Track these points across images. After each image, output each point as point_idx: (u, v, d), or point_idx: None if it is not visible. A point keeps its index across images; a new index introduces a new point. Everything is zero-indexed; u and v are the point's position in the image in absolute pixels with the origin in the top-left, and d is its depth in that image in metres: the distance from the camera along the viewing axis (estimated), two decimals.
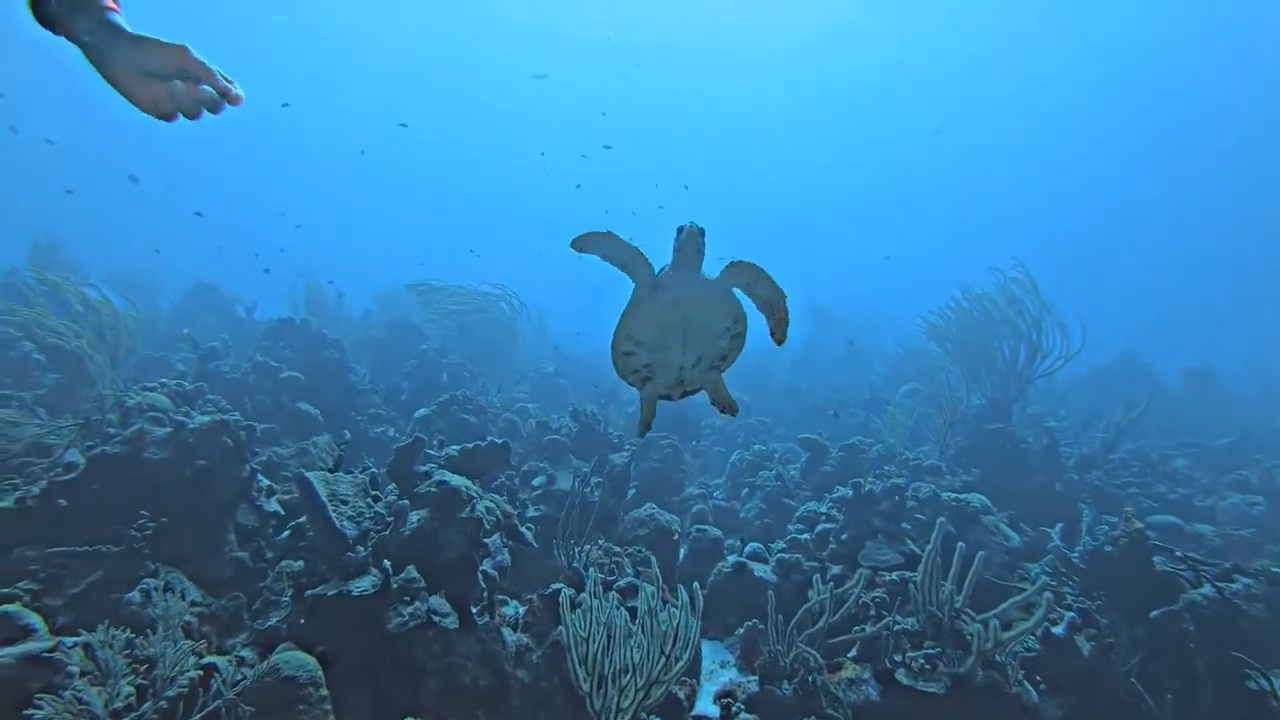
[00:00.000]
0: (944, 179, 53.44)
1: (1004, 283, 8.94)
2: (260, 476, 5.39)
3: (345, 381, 8.48)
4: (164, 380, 6.06)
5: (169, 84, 1.66)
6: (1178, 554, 5.66)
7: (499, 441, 5.43)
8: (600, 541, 5.73)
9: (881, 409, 11.45)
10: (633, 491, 7.31)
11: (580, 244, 3.06)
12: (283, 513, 5.36)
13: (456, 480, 4.34)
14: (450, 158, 59.72)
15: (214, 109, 1.73)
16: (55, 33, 1.65)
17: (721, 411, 3.66)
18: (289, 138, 52.51)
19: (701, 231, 3.09)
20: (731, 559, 6.03)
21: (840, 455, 7.79)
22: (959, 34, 39.16)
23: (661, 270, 3.21)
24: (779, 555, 5.96)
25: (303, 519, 4.74)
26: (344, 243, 46.54)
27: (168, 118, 1.71)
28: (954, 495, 6.66)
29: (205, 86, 1.67)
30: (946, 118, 45.68)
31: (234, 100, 1.73)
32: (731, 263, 3.19)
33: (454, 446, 5.33)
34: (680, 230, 3.12)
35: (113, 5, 1.69)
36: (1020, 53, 40.54)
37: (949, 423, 8.42)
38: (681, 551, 6.45)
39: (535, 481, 6.51)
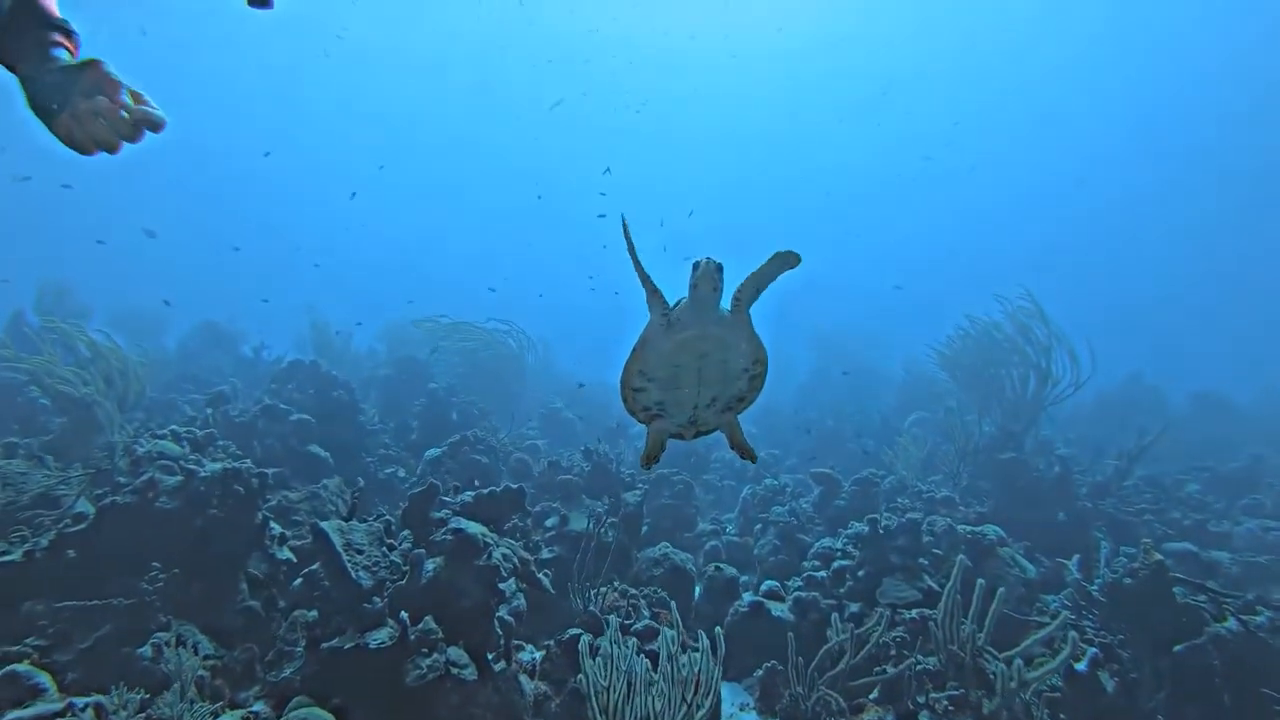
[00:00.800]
0: (938, 196, 53.44)
1: (1012, 311, 8.93)
2: (273, 524, 5.35)
3: (355, 422, 8.47)
4: (174, 427, 6.05)
5: (84, 107, 1.62)
6: (1199, 586, 5.59)
7: (514, 487, 5.40)
8: (616, 583, 5.67)
9: (892, 438, 11.42)
10: (645, 529, 7.25)
11: (626, 234, 2.89)
12: (295, 560, 5.31)
13: (472, 527, 4.31)
14: (453, 199, 60.16)
15: (132, 136, 1.67)
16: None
17: (741, 457, 3.48)
18: (297, 171, 53.22)
19: (719, 268, 2.90)
20: (748, 598, 5.96)
21: (853, 489, 7.74)
22: (954, 37, 39.34)
23: (678, 304, 3.05)
24: (796, 593, 5.89)
25: (315, 566, 4.71)
26: (350, 277, 46.61)
27: (82, 148, 1.66)
28: (969, 528, 6.60)
29: (122, 112, 1.62)
30: (950, 124, 45.75)
31: (155, 125, 1.67)
32: (736, 298, 3.01)
33: (469, 492, 5.30)
34: (696, 266, 2.93)
35: (61, 41, 1.68)
36: (1014, 54, 40.72)
37: (961, 454, 8.37)
38: (697, 590, 6.39)
39: (548, 522, 6.46)
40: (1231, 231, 46.07)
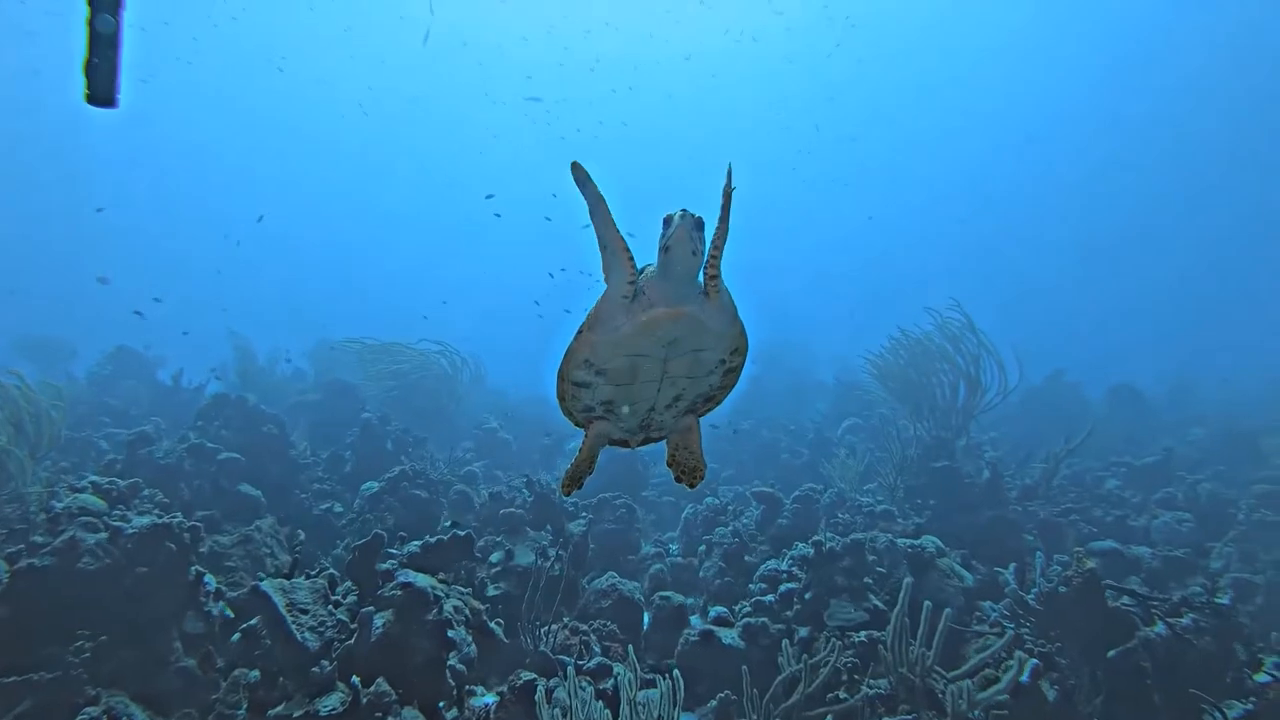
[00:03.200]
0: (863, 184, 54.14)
1: (942, 322, 9.20)
2: (207, 578, 5.12)
3: (286, 457, 8.19)
4: (94, 478, 5.72)
5: None
6: (1128, 591, 5.87)
7: (461, 534, 5.30)
8: (565, 619, 5.62)
9: (827, 448, 11.65)
10: (590, 553, 7.22)
11: (581, 178, 2.34)
12: (231, 615, 5.10)
13: (421, 580, 4.21)
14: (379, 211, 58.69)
15: None
16: None
17: (678, 478, 2.99)
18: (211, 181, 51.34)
19: (699, 223, 2.41)
20: (697, 624, 5.99)
21: (795, 507, 7.85)
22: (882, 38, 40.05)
23: (643, 273, 2.53)
24: (745, 619, 5.93)
25: (254, 621, 4.53)
26: (267, 293, 45.01)
27: None
28: (909, 542, 6.76)
29: None
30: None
31: None
32: (711, 276, 2.47)
33: (415, 543, 5.17)
34: (668, 221, 2.43)
35: None
36: (928, 54, 41.73)
37: (898, 467, 8.58)
38: (646, 618, 6.38)
39: (494, 558, 6.36)
40: (1148, 225, 48.45)
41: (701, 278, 2.57)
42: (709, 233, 2.49)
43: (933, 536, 7.07)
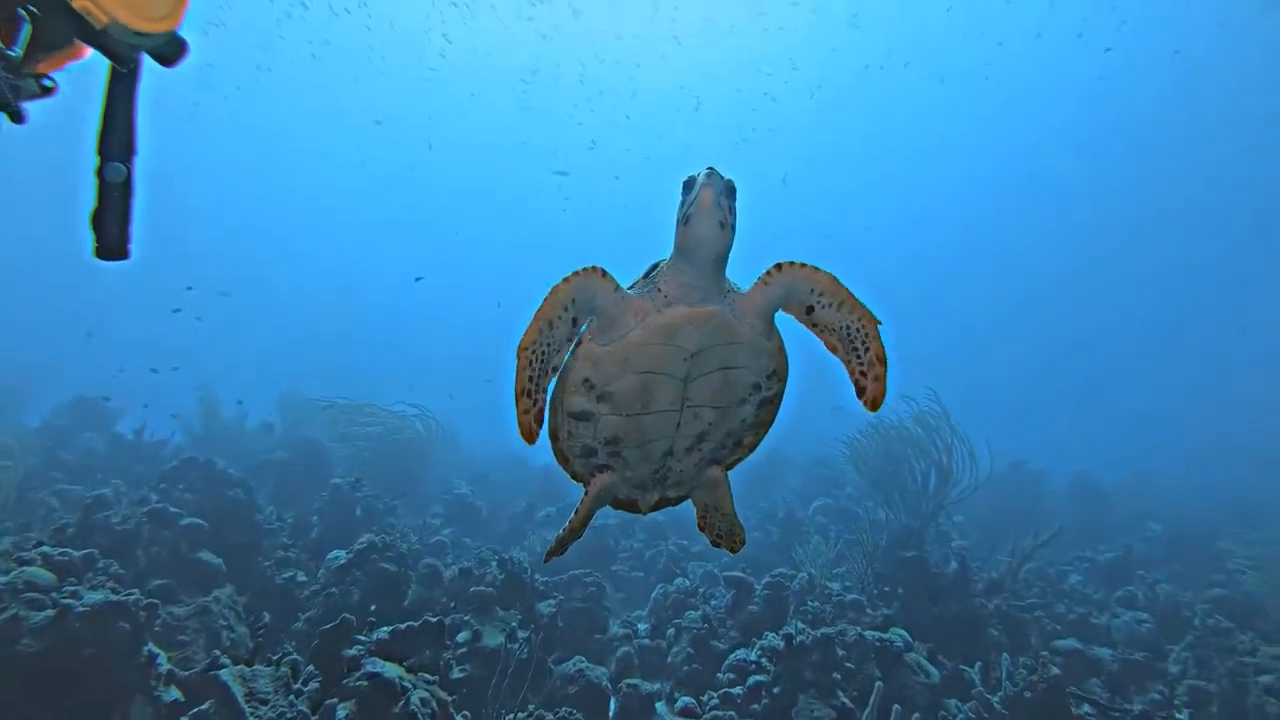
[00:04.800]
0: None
1: (918, 412, 9.40)
2: (160, 658, 4.94)
3: (251, 522, 8.00)
4: (46, 548, 5.52)
5: None
6: (1090, 699, 5.92)
7: (433, 620, 5.20)
8: (531, 707, 5.49)
9: (798, 528, 11.68)
10: (559, 629, 7.13)
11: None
12: (183, 699, 4.91)
13: (389, 671, 4.11)
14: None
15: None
16: None
17: (714, 543, 2.64)
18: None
19: (730, 190, 2.02)
20: (664, 714, 5.90)
21: (765, 593, 7.82)
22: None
23: (655, 269, 2.20)
24: (712, 712, 5.85)
25: (206, 705, 4.37)
26: (242, 344, 44.23)
27: None
28: (877, 635, 6.76)
29: None
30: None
31: None
32: (778, 265, 2.12)
33: (384, 629, 5.06)
34: (688, 184, 2.04)
35: None
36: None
37: (868, 556, 8.63)
38: (612, 705, 6.26)
39: (460, 637, 6.24)
40: (1103, 318, 49.91)
41: (731, 270, 2.16)
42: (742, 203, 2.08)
43: (900, 629, 7.08)
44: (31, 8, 1.67)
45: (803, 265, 2.15)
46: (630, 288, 2.23)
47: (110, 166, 1.94)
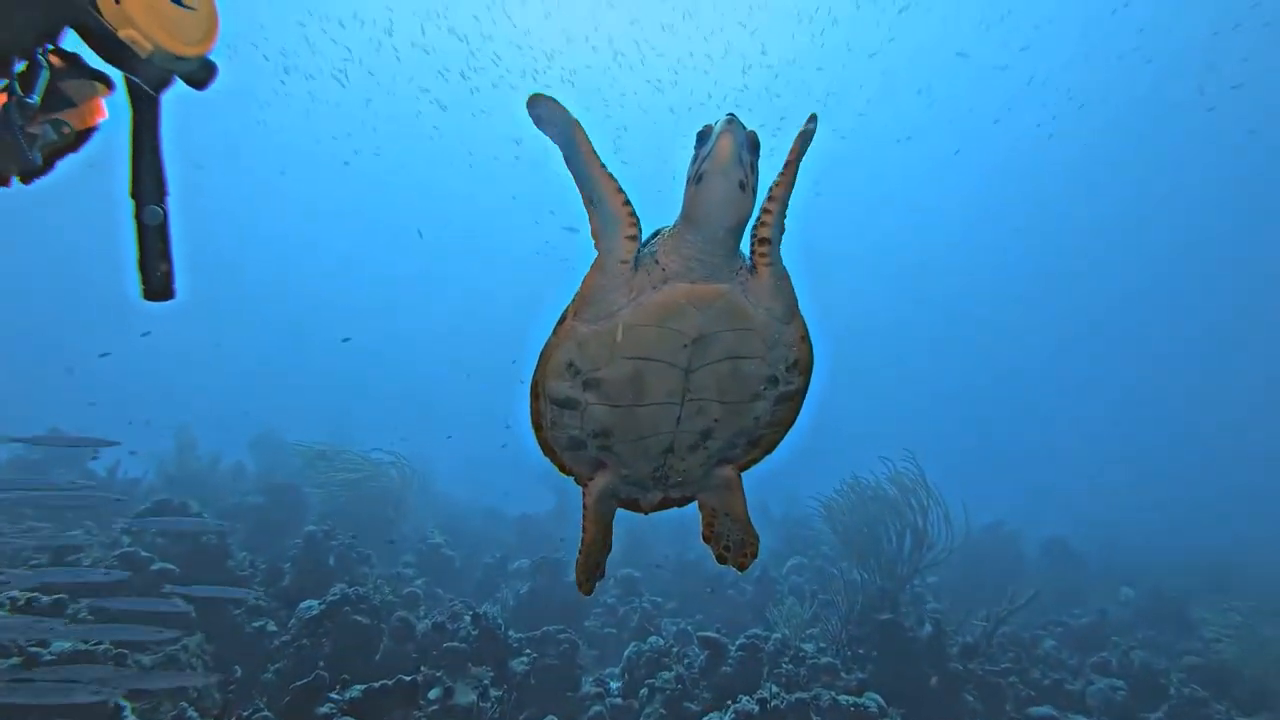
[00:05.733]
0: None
1: (895, 473, 9.49)
2: (126, 710, 4.86)
3: (223, 568, 7.91)
4: (14, 593, 5.45)
5: None
6: None
7: (407, 680, 5.17)
8: None
9: (771, 587, 11.68)
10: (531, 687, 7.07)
11: (544, 114, 1.76)
12: None
13: None
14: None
15: None
16: None
17: (720, 557, 2.40)
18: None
19: (752, 142, 1.72)
20: None
21: (739, 654, 7.79)
22: None
23: (657, 236, 1.94)
24: None
25: None
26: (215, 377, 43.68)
27: None
28: (852, 700, 6.75)
29: None
30: None
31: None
32: (763, 240, 1.87)
33: (358, 687, 5.02)
34: (702, 135, 1.76)
35: None
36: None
37: (843, 618, 8.63)
38: None
39: (431, 694, 6.15)
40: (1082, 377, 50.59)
41: (747, 244, 1.92)
42: (764, 178, 1.77)
43: (874, 694, 7.06)
44: (52, 57, 1.75)
45: (777, 217, 1.89)
46: (651, 239, 1.97)
47: (148, 210, 2.00)
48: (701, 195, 1.72)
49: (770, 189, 1.86)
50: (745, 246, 1.99)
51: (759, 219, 1.87)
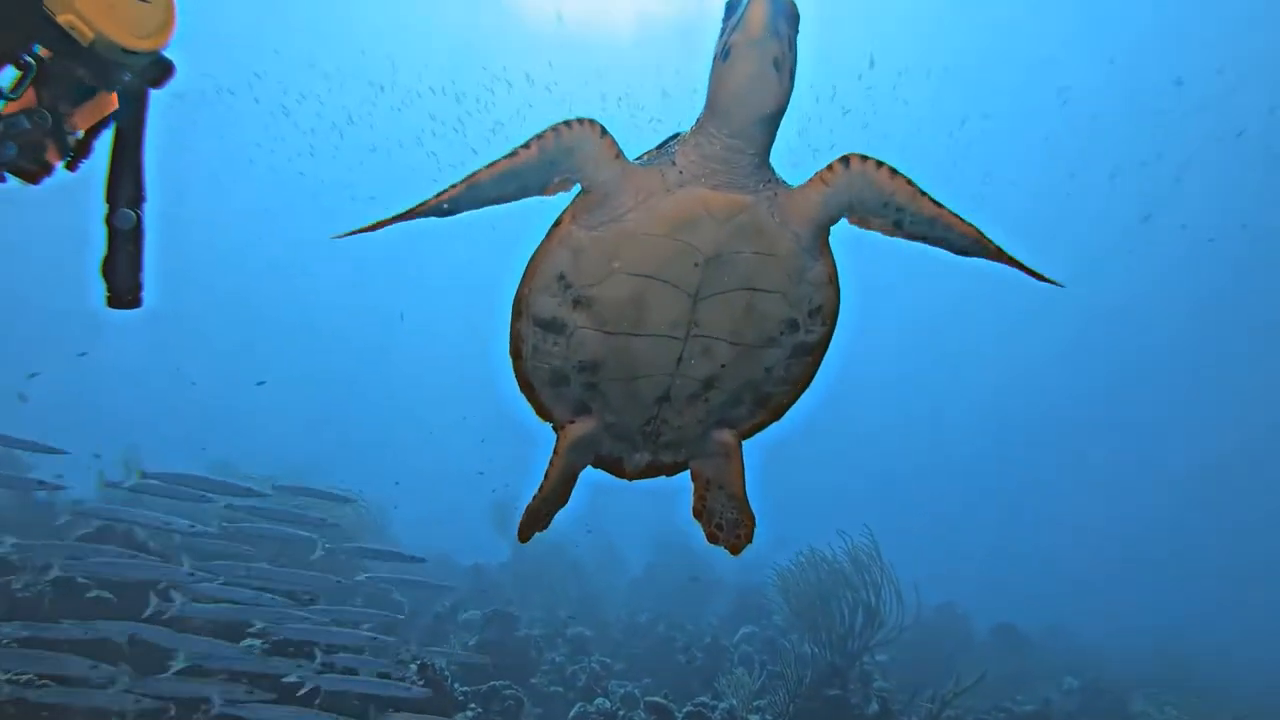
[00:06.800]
0: None
1: (852, 547, 9.56)
2: None
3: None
4: None
5: None
6: None
7: None
8: None
9: (722, 655, 11.59)
10: None
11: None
12: None
13: None
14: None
15: None
16: None
17: (711, 537, 2.18)
18: None
19: (792, 15, 1.44)
20: None
21: None
22: None
23: (676, 137, 1.74)
24: None
25: None
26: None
27: None
28: None
29: None
30: None
31: None
32: (844, 159, 1.63)
33: None
34: (732, 4, 1.52)
35: None
36: None
37: (791, 692, 8.61)
38: None
39: None
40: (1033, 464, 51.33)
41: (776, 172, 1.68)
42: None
43: None
44: (32, 57, 1.69)
45: (879, 165, 1.63)
46: (639, 159, 1.76)
47: (120, 214, 1.95)
48: (728, 73, 1.48)
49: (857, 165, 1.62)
50: (775, 165, 1.78)
51: (833, 174, 1.64)
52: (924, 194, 1.65)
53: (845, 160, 1.65)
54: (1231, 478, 40.95)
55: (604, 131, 1.62)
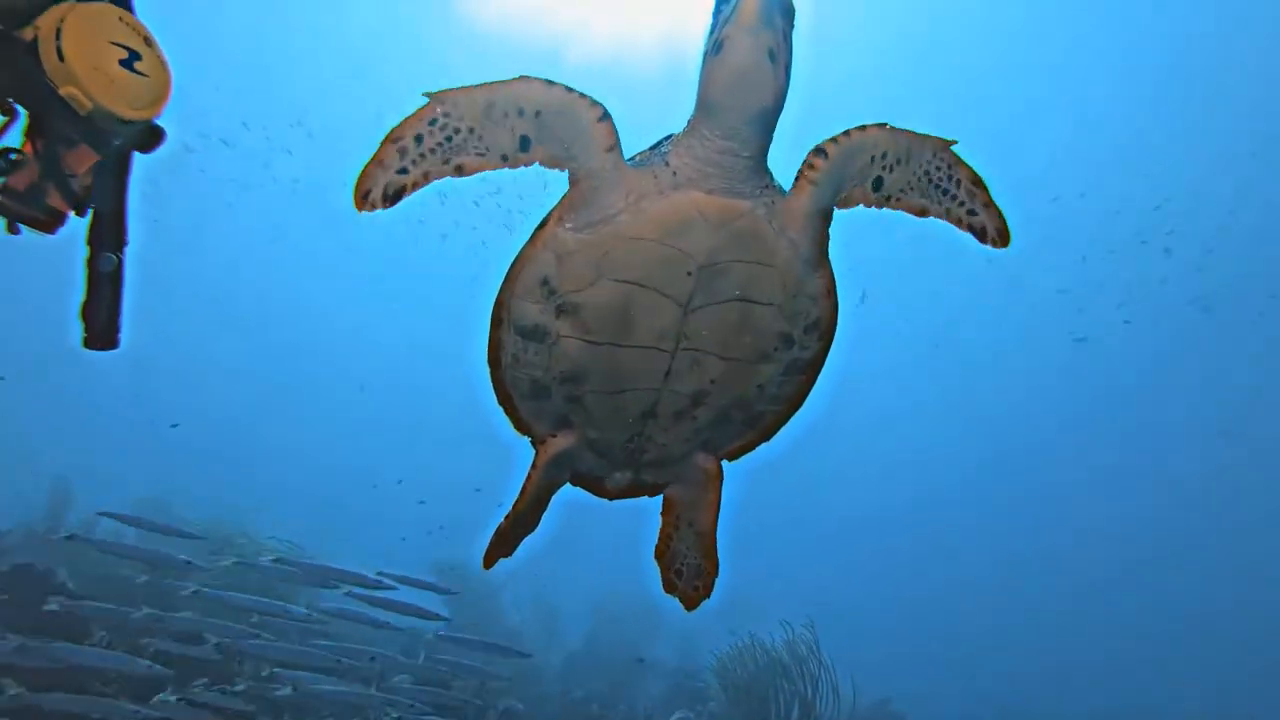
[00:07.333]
0: None
1: (791, 639, 9.50)
2: None
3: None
4: None
5: None
6: None
7: None
8: None
9: None
10: None
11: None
12: None
13: None
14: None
15: None
16: None
17: (668, 585, 2.06)
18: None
19: (787, 6, 1.42)
20: None
21: None
22: None
23: (670, 137, 1.68)
24: None
25: None
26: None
27: None
28: None
29: None
30: None
31: None
32: (818, 150, 1.61)
33: None
34: None
35: None
36: None
37: None
38: None
39: None
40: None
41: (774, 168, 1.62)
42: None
43: None
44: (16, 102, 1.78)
45: (849, 132, 1.58)
46: (631, 159, 1.66)
47: (102, 257, 1.97)
48: (720, 67, 1.40)
49: (834, 146, 1.56)
50: (773, 166, 1.72)
51: (835, 137, 1.57)
52: (896, 130, 1.62)
53: (822, 151, 1.61)
54: (1190, 569, 41.30)
55: (603, 116, 1.54)
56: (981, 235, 1.74)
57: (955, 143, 1.69)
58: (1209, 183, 25.72)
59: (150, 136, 1.96)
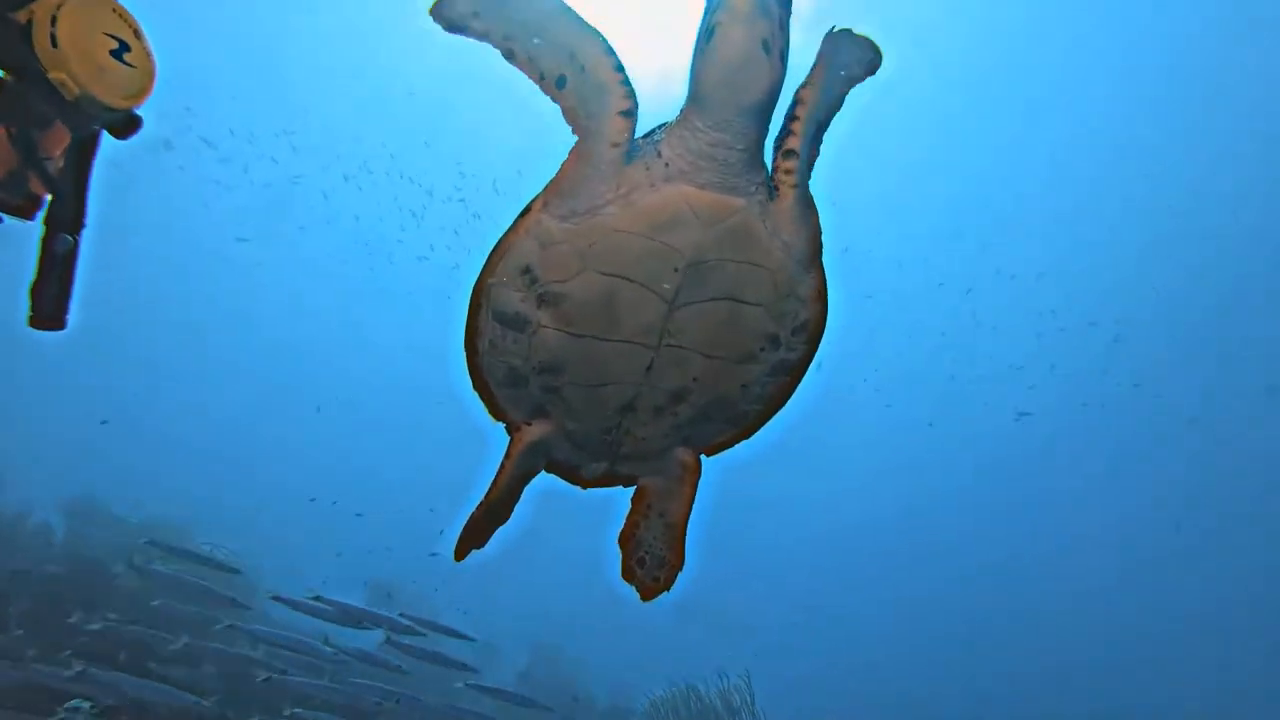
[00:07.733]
0: None
1: (725, 689, 9.48)
2: None
3: None
4: None
5: None
6: None
7: None
8: None
9: None
10: None
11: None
12: None
13: None
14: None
15: None
16: None
17: (626, 573, 1.94)
18: None
19: None
20: None
21: None
22: None
23: (662, 127, 1.61)
24: None
25: None
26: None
27: None
28: None
29: None
30: None
31: None
32: (786, 153, 1.54)
33: None
34: None
35: None
36: None
37: None
38: None
39: None
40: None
41: (770, 163, 1.56)
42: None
43: None
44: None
45: (797, 116, 1.52)
46: (644, 139, 1.61)
47: (58, 238, 1.99)
48: (712, 56, 1.34)
49: (797, 92, 1.50)
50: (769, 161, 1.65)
51: (786, 127, 1.50)
52: (815, 77, 1.56)
53: (791, 153, 1.54)
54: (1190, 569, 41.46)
55: (626, 112, 1.48)
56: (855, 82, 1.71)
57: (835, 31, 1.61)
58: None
59: (128, 123, 2.00)
